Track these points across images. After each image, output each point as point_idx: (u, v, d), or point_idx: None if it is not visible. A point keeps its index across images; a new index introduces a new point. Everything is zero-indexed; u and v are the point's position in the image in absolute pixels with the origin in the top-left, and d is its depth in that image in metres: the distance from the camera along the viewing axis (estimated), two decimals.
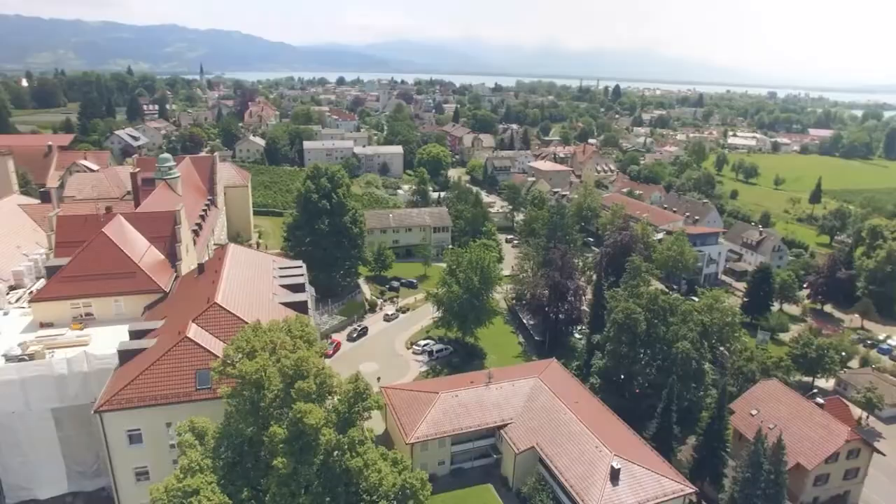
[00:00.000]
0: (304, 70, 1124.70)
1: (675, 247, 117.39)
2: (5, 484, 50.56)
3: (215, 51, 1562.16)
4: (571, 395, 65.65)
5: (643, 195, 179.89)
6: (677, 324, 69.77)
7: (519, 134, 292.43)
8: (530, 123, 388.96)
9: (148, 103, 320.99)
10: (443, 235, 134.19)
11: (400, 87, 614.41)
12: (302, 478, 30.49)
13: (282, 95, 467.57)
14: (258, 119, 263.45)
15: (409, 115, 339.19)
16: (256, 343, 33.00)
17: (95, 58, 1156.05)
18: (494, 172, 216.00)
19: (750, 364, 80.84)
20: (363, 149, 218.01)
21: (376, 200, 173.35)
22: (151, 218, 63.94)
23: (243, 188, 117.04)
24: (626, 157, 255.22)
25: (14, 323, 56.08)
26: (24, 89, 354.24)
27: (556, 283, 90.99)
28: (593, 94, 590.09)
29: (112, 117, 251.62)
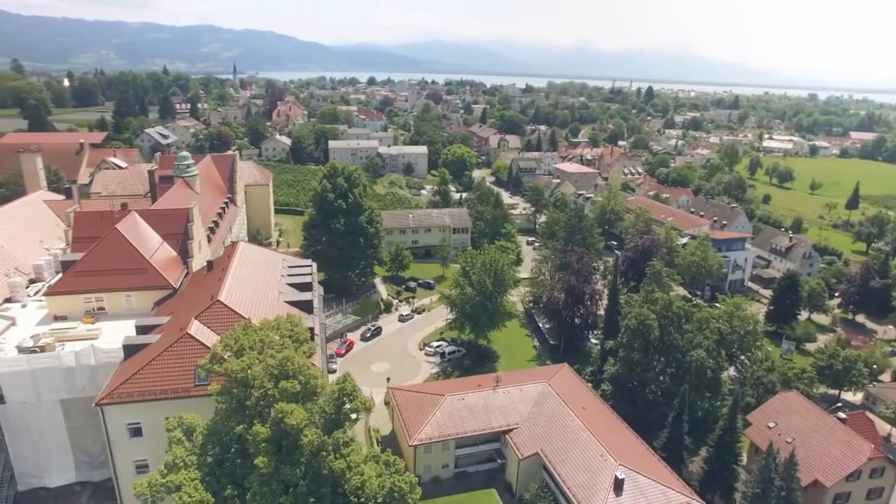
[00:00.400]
0: (336, 70, 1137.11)
1: (698, 252, 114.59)
2: (17, 471, 51.84)
3: (250, 51, 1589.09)
4: (580, 401, 64.45)
5: (670, 199, 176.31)
6: (692, 331, 67.89)
7: (546, 135, 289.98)
8: (560, 125, 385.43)
9: (181, 102, 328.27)
10: (462, 237, 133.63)
11: (430, 88, 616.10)
12: (284, 478, 30.37)
13: (312, 95, 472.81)
14: (285, 118, 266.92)
15: (437, 115, 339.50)
16: (245, 341, 33.04)
17: (135, 58, 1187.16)
18: (519, 174, 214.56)
19: (770, 375, 78.26)
20: (388, 149, 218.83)
21: (399, 200, 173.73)
22: (165, 215, 65.00)
23: (264, 187, 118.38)
24: (656, 160, 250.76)
25: (31, 315, 57.51)
26: (65, 89, 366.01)
27: (572, 286, 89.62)
28: (625, 96, 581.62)
29: (145, 116, 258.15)
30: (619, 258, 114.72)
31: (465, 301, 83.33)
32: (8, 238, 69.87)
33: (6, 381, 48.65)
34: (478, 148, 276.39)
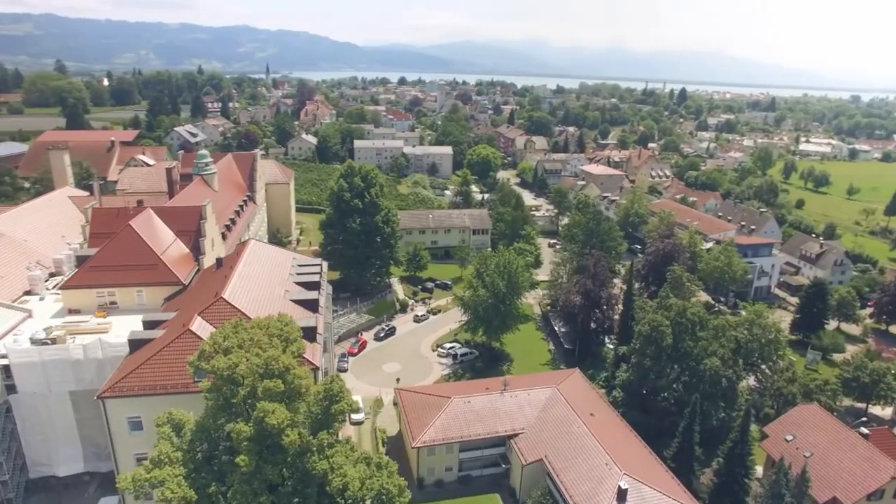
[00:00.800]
0: (369, 70, 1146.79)
1: (722, 257, 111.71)
2: (28, 459, 53.31)
3: (284, 51, 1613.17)
4: (588, 407, 63.23)
5: (697, 202, 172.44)
6: (706, 339, 65.96)
7: (574, 137, 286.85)
8: (589, 126, 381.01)
9: (213, 101, 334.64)
10: (482, 238, 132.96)
11: (461, 88, 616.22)
12: (266, 477, 30.35)
13: (342, 95, 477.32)
14: (313, 118, 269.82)
15: (465, 115, 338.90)
16: (234, 339, 33.17)
17: (173, 58, 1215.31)
18: (545, 175, 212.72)
19: (791, 386, 75.68)
20: (413, 149, 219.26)
21: (421, 200, 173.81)
22: (178, 212, 66.07)
23: (285, 185, 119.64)
24: (686, 163, 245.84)
25: (47, 308, 59.18)
26: (104, 88, 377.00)
27: (588, 290, 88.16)
28: (657, 98, 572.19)
29: (176, 114, 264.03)
30: (640, 262, 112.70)
31: (478, 303, 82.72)
32: (32, 232, 72.16)
33: (18, 371, 50.06)
34: (504, 149, 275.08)
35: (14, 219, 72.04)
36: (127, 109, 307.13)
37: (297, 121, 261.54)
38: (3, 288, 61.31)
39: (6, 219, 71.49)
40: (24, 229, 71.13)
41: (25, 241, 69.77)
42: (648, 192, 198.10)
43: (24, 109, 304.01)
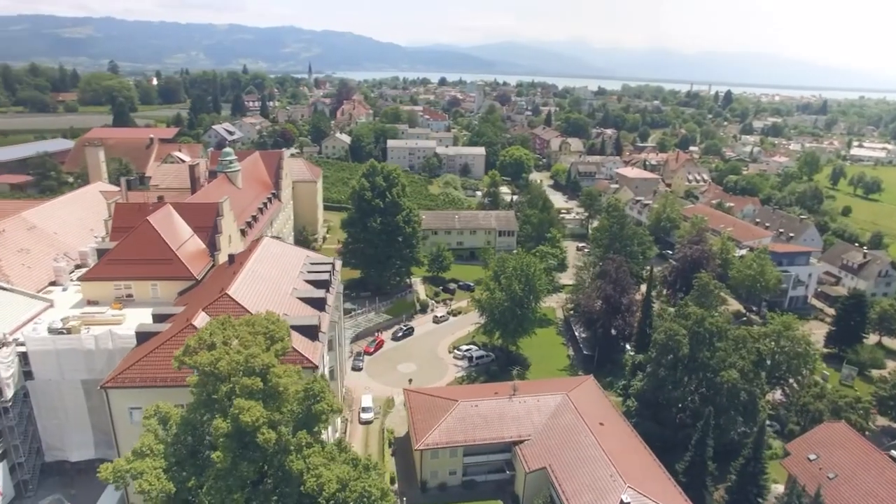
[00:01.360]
0: (411, 70, 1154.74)
1: (754, 265, 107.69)
2: (44, 443, 55.33)
3: (328, 51, 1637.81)
4: (599, 416, 61.67)
5: (734, 208, 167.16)
6: (724, 350, 63.48)
7: (611, 139, 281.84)
8: (629, 129, 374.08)
9: (255, 100, 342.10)
10: (508, 240, 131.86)
11: (501, 89, 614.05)
12: (241, 474, 30.48)
13: (381, 95, 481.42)
14: (348, 117, 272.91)
15: (501, 116, 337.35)
16: (219, 336, 33.49)
17: (221, 58, 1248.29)
18: (578, 178, 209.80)
19: (818, 402, 72.20)
20: (446, 149, 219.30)
21: (451, 201, 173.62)
22: (196, 208, 67.48)
23: (312, 183, 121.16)
24: (727, 167, 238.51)
25: (69, 298, 61.23)
26: (152, 87, 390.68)
27: (608, 296, 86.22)
28: (701, 100, 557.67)
29: (217, 113, 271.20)
30: (667, 268, 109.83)
31: (494, 306, 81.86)
32: (62, 225, 74.96)
33: (35, 358, 52.00)
34: (539, 150, 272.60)
35: (46, 212, 74.95)
36: (173, 108, 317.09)
37: (333, 120, 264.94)
38: (30, 278, 63.88)
39: (39, 212, 74.44)
40: (55, 222, 73.96)
41: (55, 233, 72.54)
42: (684, 197, 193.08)
43: (78, 108, 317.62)
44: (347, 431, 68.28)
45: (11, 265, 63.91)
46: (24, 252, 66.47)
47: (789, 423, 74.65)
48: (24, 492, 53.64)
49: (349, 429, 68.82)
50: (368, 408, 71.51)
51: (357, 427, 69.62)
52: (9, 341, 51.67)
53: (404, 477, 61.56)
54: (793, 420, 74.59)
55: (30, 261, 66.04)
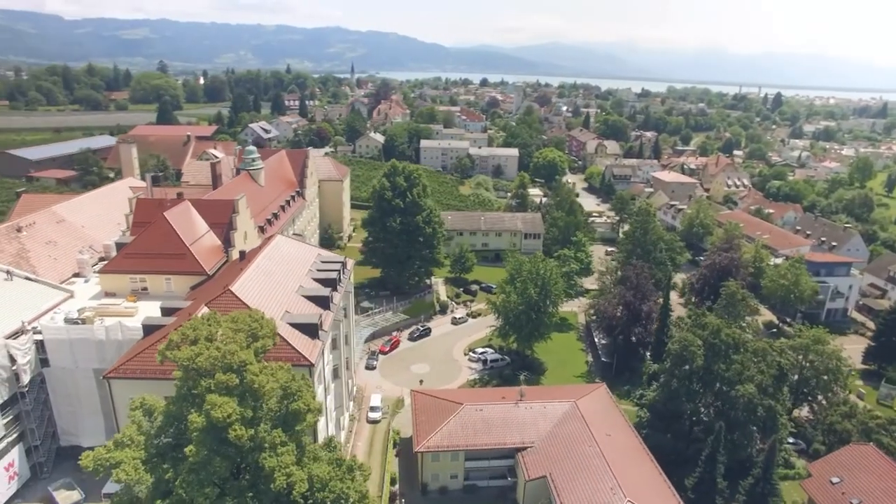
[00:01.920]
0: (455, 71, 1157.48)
1: (788, 274, 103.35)
2: (59, 428, 57.53)
3: (373, 51, 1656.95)
4: (606, 426, 60.14)
5: (774, 215, 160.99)
6: (740, 363, 60.94)
7: (650, 142, 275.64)
8: (670, 132, 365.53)
9: (295, 100, 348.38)
10: (534, 242, 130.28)
11: (542, 91, 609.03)
12: (214, 469, 30.76)
13: (421, 95, 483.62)
14: (384, 116, 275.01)
15: (539, 118, 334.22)
16: (202, 331, 33.95)
17: (269, 57, 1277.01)
18: (613, 181, 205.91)
19: (846, 422, 68.62)
20: (479, 150, 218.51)
21: (481, 202, 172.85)
22: (212, 205, 68.86)
23: (338, 182, 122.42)
24: (771, 172, 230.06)
25: (89, 290, 63.35)
26: (199, 86, 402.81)
27: (628, 302, 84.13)
28: (749, 103, 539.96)
29: (257, 111, 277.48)
30: (695, 275, 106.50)
31: (509, 309, 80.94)
32: (90, 219, 77.66)
33: (50, 346, 54.10)
34: (576, 153, 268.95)
35: (76, 206, 77.85)
36: (216, 106, 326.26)
37: (369, 120, 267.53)
38: (55, 269, 66.46)
39: (70, 206, 77.39)
40: (83, 216, 76.69)
41: (83, 227, 75.23)
42: (722, 203, 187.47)
43: (128, 106, 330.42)
44: (354, 430, 68.64)
45: (39, 256, 66.64)
46: (51, 244, 69.20)
47: (814, 443, 71.31)
48: (39, 474, 55.80)
49: (356, 427, 69.14)
50: (377, 407, 71.65)
51: (364, 426, 69.84)
52: (27, 329, 53.92)
53: (406, 478, 61.40)
54: (818, 439, 71.18)
55: (56, 252, 68.69)
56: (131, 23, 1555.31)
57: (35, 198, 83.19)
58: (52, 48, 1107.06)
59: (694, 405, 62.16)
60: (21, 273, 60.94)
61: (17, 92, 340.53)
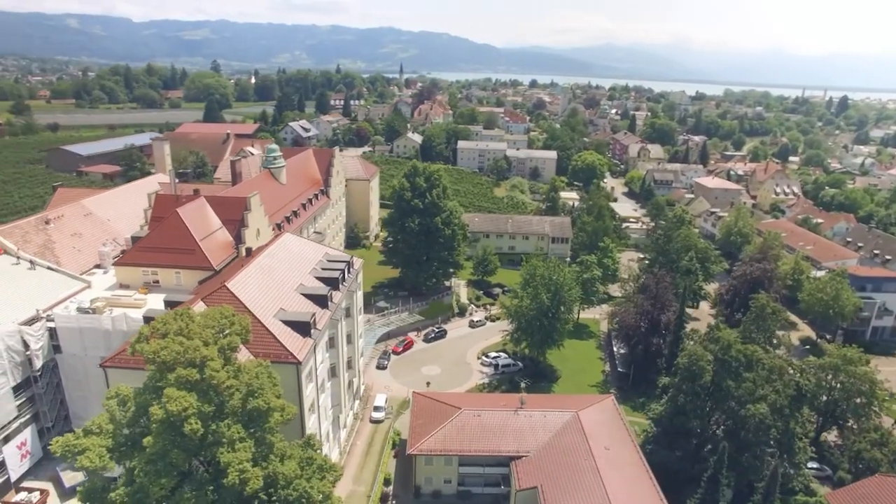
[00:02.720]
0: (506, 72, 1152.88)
1: (828, 288, 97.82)
2: (71, 412, 60.08)
3: (424, 51, 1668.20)
4: (607, 439, 58.24)
5: (823, 225, 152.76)
6: (752, 381, 57.89)
7: (697, 146, 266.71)
8: (723, 136, 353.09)
9: (343, 99, 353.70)
10: (562, 247, 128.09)
11: (592, 92, 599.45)
12: (171, 460, 31.29)
13: (467, 96, 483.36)
14: (425, 117, 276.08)
15: (584, 120, 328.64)
16: (172, 326, 34.62)
17: (322, 57, 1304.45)
18: (653, 186, 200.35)
19: (874, 450, 64.24)
20: (516, 152, 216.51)
21: (515, 205, 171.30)
22: (225, 202, 70.39)
23: (365, 182, 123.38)
24: (828, 180, 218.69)
25: (106, 281, 65.86)
26: (250, 85, 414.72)
27: (645, 312, 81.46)
28: (811, 106, 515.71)
29: (301, 110, 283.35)
30: (724, 286, 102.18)
31: (521, 314, 79.67)
32: (117, 213, 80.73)
33: (62, 334, 56.58)
34: (618, 156, 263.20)
35: (104, 200, 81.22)
36: (264, 105, 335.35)
37: (409, 120, 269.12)
38: (78, 260, 69.45)
39: (98, 200, 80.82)
40: (110, 210, 79.86)
41: (109, 220, 78.36)
42: (768, 211, 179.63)
43: (182, 104, 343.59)
44: (356, 428, 68.94)
45: (63, 247, 69.80)
46: (76, 236, 72.37)
47: (839, 471, 67.16)
48: (50, 454, 58.29)
49: (358, 426, 69.41)
50: (380, 407, 71.76)
51: (367, 425, 70.03)
52: (41, 317, 56.50)
53: (402, 480, 61.20)
54: (844, 467, 67.00)
55: (81, 244, 71.78)
56: (193, 24, 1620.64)
57: (69, 191, 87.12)
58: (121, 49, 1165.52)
59: (701, 422, 59.47)
60: (44, 263, 64.02)
61: (83, 91, 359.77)
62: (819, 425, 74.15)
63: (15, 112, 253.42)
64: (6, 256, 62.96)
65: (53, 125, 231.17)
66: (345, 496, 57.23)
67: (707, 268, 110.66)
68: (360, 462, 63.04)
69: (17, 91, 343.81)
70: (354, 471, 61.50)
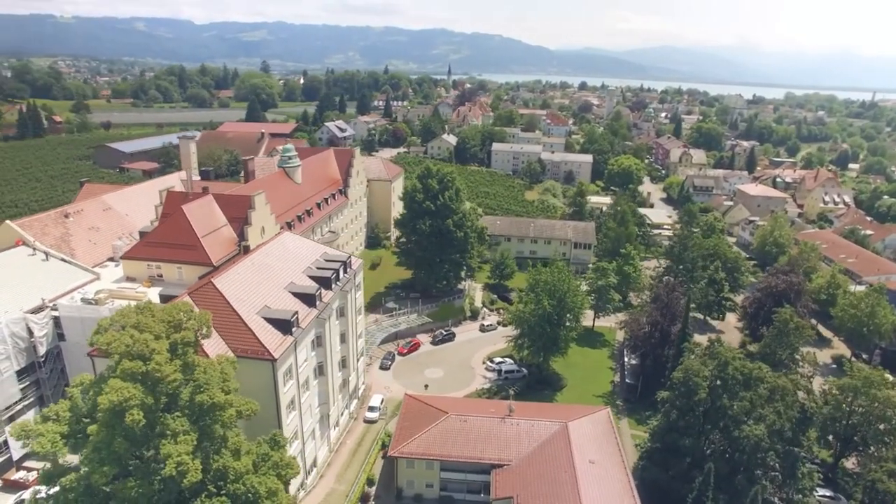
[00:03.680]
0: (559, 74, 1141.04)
1: (863, 304, 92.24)
2: None
3: (476, 53, 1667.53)
4: (593, 452, 56.62)
5: (873, 237, 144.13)
6: (752, 400, 55.01)
7: (745, 152, 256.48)
8: (777, 142, 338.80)
9: (389, 100, 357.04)
10: (585, 252, 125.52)
11: (643, 95, 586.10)
12: (114, 449, 32.20)
13: (513, 98, 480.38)
14: (462, 118, 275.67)
15: (627, 124, 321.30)
16: (129, 319, 35.70)
17: (375, 58, 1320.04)
18: (692, 192, 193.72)
19: (892, 482, 59.96)
20: (551, 155, 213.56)
21: (545, 208, 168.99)
22: (231, 200, 72.06)
23: (386, 182, 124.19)
24: (889, 189, 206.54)
25: (115, 274, 68.63)
26: (298, 85, 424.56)
27: (655, 322, 78.78)
28: (880, 111, 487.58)
29: (342, 111, 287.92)
30: (748, 299, 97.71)
31: (523, 320, 78.44)
32: (135, 208, 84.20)
33: (66, 323, 59.26)
34: (661, 161, 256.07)
35: (124, 196, 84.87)
36: (309, 105, 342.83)
37: (446, 121, 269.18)
38: (92, 253, 72.83)
39: (119, 195, 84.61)
40: (129, 205, 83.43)
41: (127, 215, 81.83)
42: (817, 220, 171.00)
43: (230, 104, 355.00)
44: (348, 428, 69.40)
45: (80, 241, 73.27)
46: (94, 230, 75.86)
47: (852, 500, 63.15)
48: None
49: (351, 425, 69.85)
50: (375, 407, 72.02)
51: (359, 425, 70.40)
52: (46, 306, 59.39)
53: (386, 482, 61.17)
54: (857, 497, 62.93)
55: (97, 238, 75.22)
56: (251, 26, 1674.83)
57: (95, 187, 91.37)
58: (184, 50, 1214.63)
59: (695, 441, 56.91)
60: (57, 255, 67.30)
61: (140, 90, 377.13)
62: (837, 450, 70.12)
63: (74, 111, 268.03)
64: (24, 248, 66.58)
65: (106, 123, 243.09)
66: (324, 494, 57.84)
67: (737, 278, 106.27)
68: (347, 461, 63.38)
69: (81, 91, 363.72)
70: (339, 469, 61.88)
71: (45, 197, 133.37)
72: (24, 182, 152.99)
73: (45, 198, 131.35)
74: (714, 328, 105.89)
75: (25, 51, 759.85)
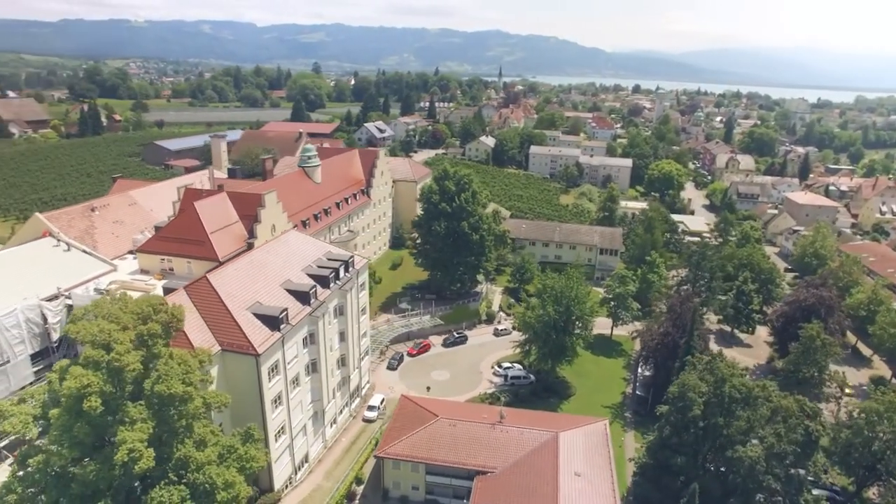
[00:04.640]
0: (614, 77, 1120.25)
1: None
2: None
3: (531, 55, 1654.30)
4: (580, 465, 55.35)
5: None
6: (749, 420, 52.46)
7: (799, 158, 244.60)
8: (839, 148, 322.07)
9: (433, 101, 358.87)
10: (611, 259, 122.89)
11: (698, 98, 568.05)
12: (74, 434, 33.75)
13: (562, 101, 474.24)
14: (503, 120, 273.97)
15: (675, 128, 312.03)
16: (103, 309, 37.35)
17: (430, 60, 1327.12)
18: (737, 199, 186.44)
19: None
20: (589, 158, 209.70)
21: (579, 213, 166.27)
22: (244, 198, 74.03)
23: (412, 184, 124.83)
24: None
25: (132, 266, 71.77)
26: (348, 86, 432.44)
27: (666, 334, 76.26)
28: None
29: (385, 112, 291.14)
30: (776, 313, 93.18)
31: (529, 326, 77.44)
32: (159, 203, 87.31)
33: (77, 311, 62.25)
34: (707, 167, 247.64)
35: (151, 192, 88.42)
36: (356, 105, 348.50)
37: (488, 124, 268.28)
38: (114, 246, 76.19)
39: (145, 191, 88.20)
40: (154, 201, 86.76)
41: (151, 210, 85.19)
42: (871, 231, 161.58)
43: (281, 104, 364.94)
44: (346, 426, 70.20)
45: (103, 233, 76.87)
46: (118, 223, 79.43)
47: None
48: None
49: (348, 424, 70.63)
50: (374, 407, 72.60)
51: (357, 423, 71.09)
52: (61, 294, 62.65)
53: (374, 481, 61.55)
54: None
55: (120, 231, 78.69)
56: (310, 28, 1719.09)
57: (127, 183, 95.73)
58: (246, 52, 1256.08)
59: (689, 459, 54.72)
60: (80, 246, 70.77)
61: (198, 90, 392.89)
62: (859, 478, 66.08)
63: (133, 109, 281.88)
64: (49, 238, 70.48)
65: (160, 122, 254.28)
66: (310, 490, 58.73)
67: (771, 290, 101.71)
68: (338, 459, 64.13)
69: (144, 91, 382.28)
70: (329, 466, 62.68)
71: (91, 191, 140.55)
72: (76, 177, 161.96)
73: (91, 192, 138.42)
74: (741, 342, 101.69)
75: (102, 54, 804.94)
